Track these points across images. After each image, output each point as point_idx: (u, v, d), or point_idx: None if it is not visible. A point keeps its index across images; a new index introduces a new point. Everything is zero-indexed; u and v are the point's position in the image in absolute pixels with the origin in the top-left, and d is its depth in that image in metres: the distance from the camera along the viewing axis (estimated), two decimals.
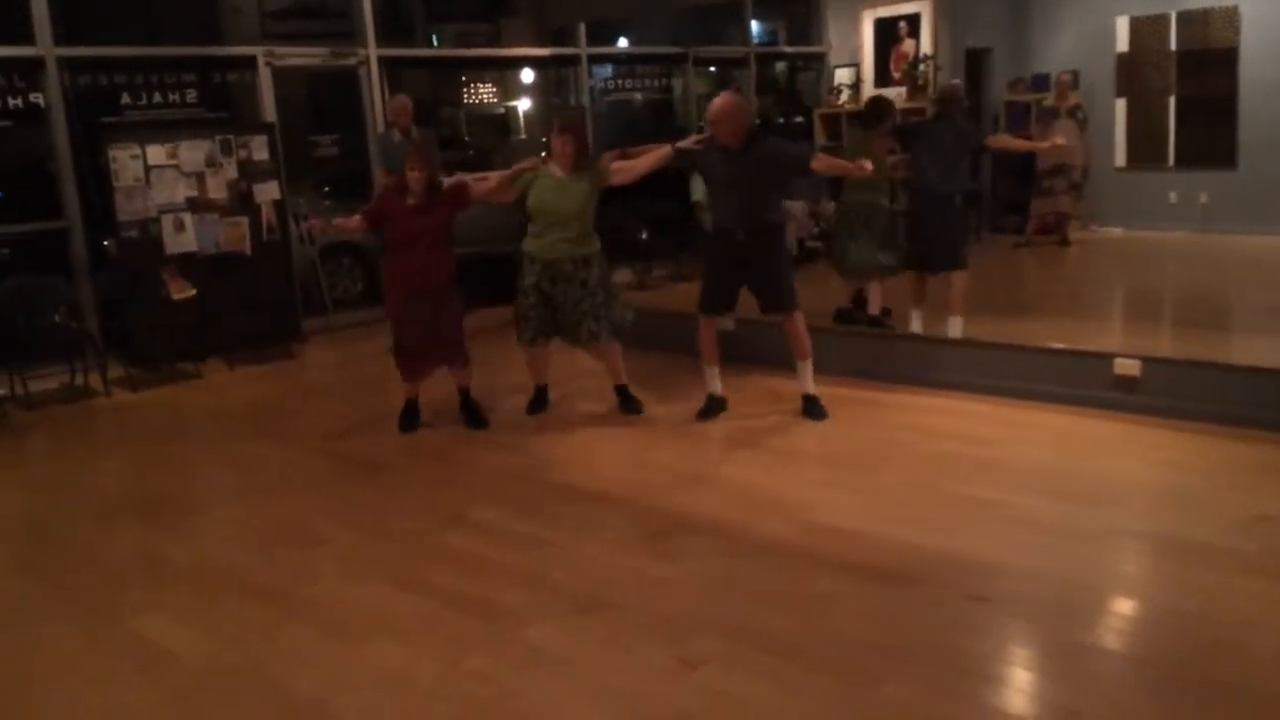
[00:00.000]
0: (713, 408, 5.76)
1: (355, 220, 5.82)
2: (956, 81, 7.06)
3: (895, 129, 6.88)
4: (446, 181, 5.81)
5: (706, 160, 5.58)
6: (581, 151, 5.62)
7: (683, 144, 5.70)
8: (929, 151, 6.47)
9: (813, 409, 5.63)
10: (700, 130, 7.64)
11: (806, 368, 5.67)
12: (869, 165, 5.48)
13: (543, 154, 5.83)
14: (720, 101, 5.46)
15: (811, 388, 5.68)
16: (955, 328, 6.44)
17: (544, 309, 5.67)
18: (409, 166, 5.56)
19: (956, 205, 6.67)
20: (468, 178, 5.92)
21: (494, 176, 5.89)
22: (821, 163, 5.43)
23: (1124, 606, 3.56)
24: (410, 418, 5.94)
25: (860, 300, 7.12)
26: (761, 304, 5.63)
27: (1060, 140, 7.14)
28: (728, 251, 5.53)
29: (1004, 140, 7.79)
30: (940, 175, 6.47)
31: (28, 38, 7.35)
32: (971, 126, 6.85)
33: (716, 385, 5.80)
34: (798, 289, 5.62)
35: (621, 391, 5.98)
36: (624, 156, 5.83)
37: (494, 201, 5.90)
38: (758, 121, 5.54)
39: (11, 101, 7.37)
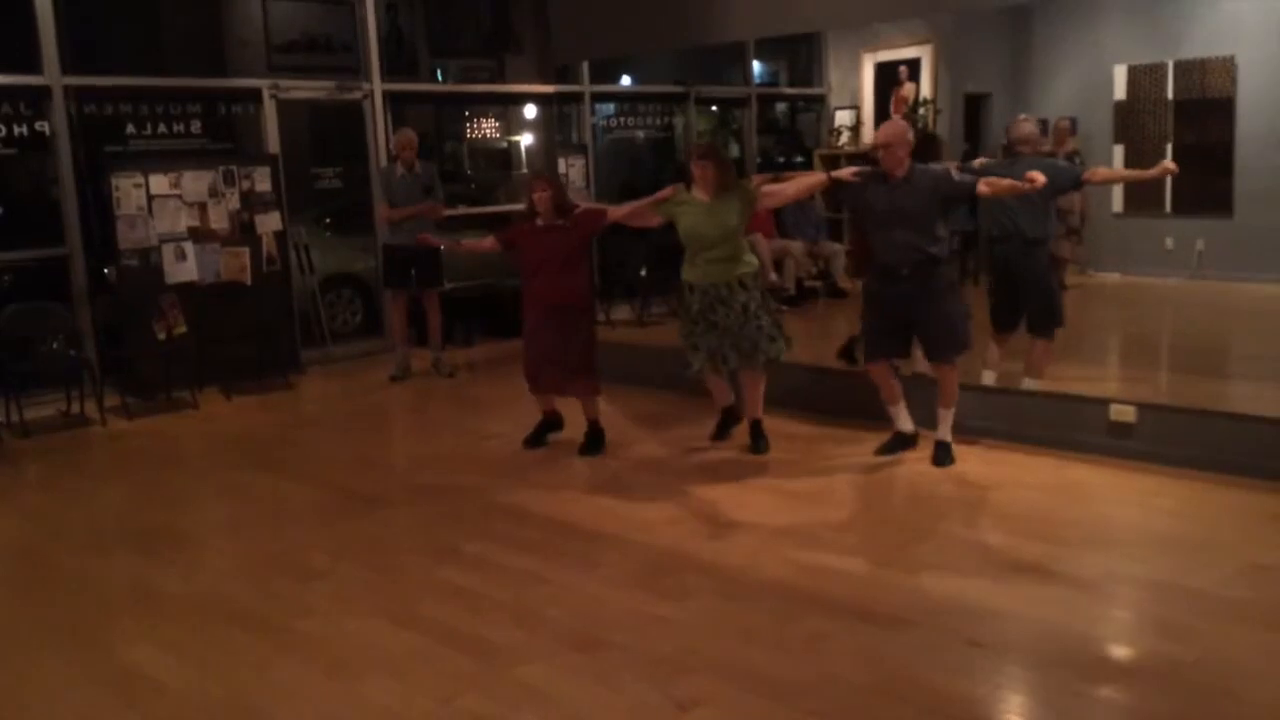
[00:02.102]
0: (897, 444, 5.58)
1: (488, 241, 6.03)
2: (1023, 116, 6.57)
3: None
4: (580, 207, 5.91)
5: (865, 193, 5.33)
6: (723, 174, 5.53)
7: (840, 173, 5.49)
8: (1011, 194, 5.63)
9: (943, 456, 5.41)
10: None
11: (948, 416, 5.46)
12: (1041, 178, 4.99)
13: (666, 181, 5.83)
14: (888, 127, 5.31)
15: (948, 435, 5.46)
16: (1032, 388, 6.06)
17: (711, 335, 5.57)
18: (535, 189, 5.68)
19: (1048, 253, 6.13)
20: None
21: (633, 203, 5.97)
22: (988, 185, 5.10)
23: (1120, 654, 3.55)
24: (538, 433, 5.97)
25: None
26: (927, 349, 5.41)
27: (1172, 166, 6.03)
28: (892, 291, 5.30)
29: (1106, 172, 7.04)
30: (1026, 220, 5.91)
31: (35, 67, 7.41)
32: (1060, 163, 6.40)
33: (905, 423, 5.59)
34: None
35: (755, 428, 5.82)
36: (775, 180, 5.79)
37: (634, 225, 5.95)
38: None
39: (17, 129, 7.40)
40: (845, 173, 5.48)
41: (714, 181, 5.50)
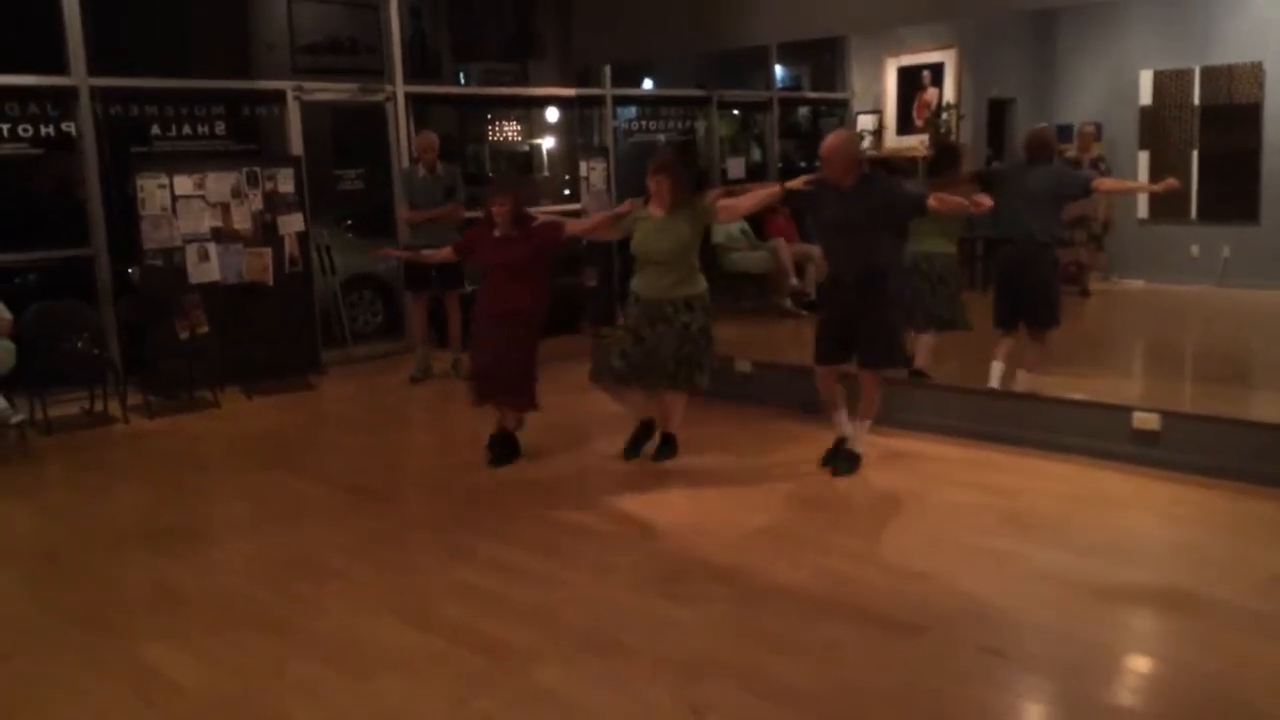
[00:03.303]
0: (839, 454, 5.52)
1: (445, 251, 6.11)
2: (1044, 125, 6.59)
3: (978, 174, 6.52)
4: (537, 219, 5.88)
5: (817, 201, 5.35)
6: (679, 190, 5.45)
7: (792, 184, 5.51)
8: (1023, 198, 5.86)
9: (847, 465, 5.40)
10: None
11: (864, 428, 5.48)
12: (988, 200, 5.05)
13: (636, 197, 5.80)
14: (830, 140, 5.32)
15: (860, 447, 5.47)
16: (1025, 382, 6.16)
17: (636, 349, 5.44)
18: (493, 202, 5.67)
19: (1055, 256, 6.21)
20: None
21: (594, 217, 5.96)
22: (939, 202, 5.04)
23: (1141, 665, 3.51)
24: (497, 449, 5.83)
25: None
26: (859, 355, 5.33)
27: (1174, 182, 6.20)
28: (838, 298, 5.33)
29: (1112, 183, 7.09)
30: (1038, 224, 5.99)
31: (62, 67, 7.48)
32: (1071, 170, 6.47)
33: (847, 429, 5.50)
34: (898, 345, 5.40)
35: (666, 438, 5.80)
36: (729, 194, 5.78)
37: (595, 239, 5.96)
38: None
39: (44, 129, 7.47)
40: (798, 182, 5.52)
41: (669, 196, 5.42)
